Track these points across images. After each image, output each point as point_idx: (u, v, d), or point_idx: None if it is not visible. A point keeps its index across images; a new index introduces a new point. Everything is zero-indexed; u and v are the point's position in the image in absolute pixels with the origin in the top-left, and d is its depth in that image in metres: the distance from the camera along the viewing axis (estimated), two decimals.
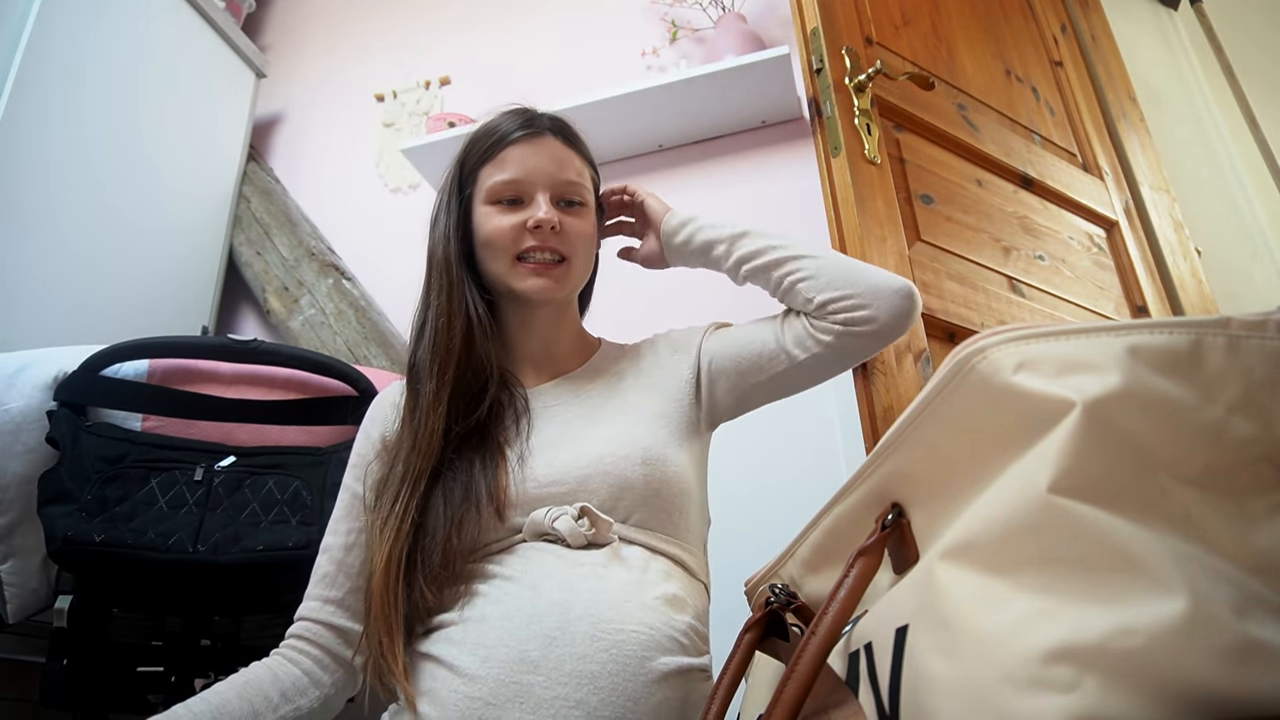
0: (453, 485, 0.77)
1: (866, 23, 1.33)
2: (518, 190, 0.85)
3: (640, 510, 0.77)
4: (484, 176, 0.87)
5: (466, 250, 0.87)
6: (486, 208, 0.86)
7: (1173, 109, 2.03)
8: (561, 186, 0.86)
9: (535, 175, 0.85)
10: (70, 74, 1.61)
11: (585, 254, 0.89)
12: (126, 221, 1.71)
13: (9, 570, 1.04)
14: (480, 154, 0.88)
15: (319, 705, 0.76)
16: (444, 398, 0.79)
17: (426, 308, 0.87)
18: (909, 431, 0.43)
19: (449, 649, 0.69)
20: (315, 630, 0.79)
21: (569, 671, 0.65)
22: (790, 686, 0.42)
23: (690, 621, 0.73)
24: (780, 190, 1.72)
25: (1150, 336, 0.33)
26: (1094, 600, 0.30)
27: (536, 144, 0.87)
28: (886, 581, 0.46)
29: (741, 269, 0.87)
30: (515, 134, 0.87)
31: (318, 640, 0.78)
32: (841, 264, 0.82)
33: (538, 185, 0.85)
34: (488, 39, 2.17)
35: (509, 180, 0.85)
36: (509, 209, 0.85)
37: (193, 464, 1.05)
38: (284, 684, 0.74)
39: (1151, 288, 1.54)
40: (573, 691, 0.64)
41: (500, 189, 0.85)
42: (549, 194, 0.85)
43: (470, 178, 0.89)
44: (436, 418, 0.79)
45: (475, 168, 0.88)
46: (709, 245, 0.90)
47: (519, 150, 0.86)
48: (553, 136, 0.88)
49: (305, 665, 0.77)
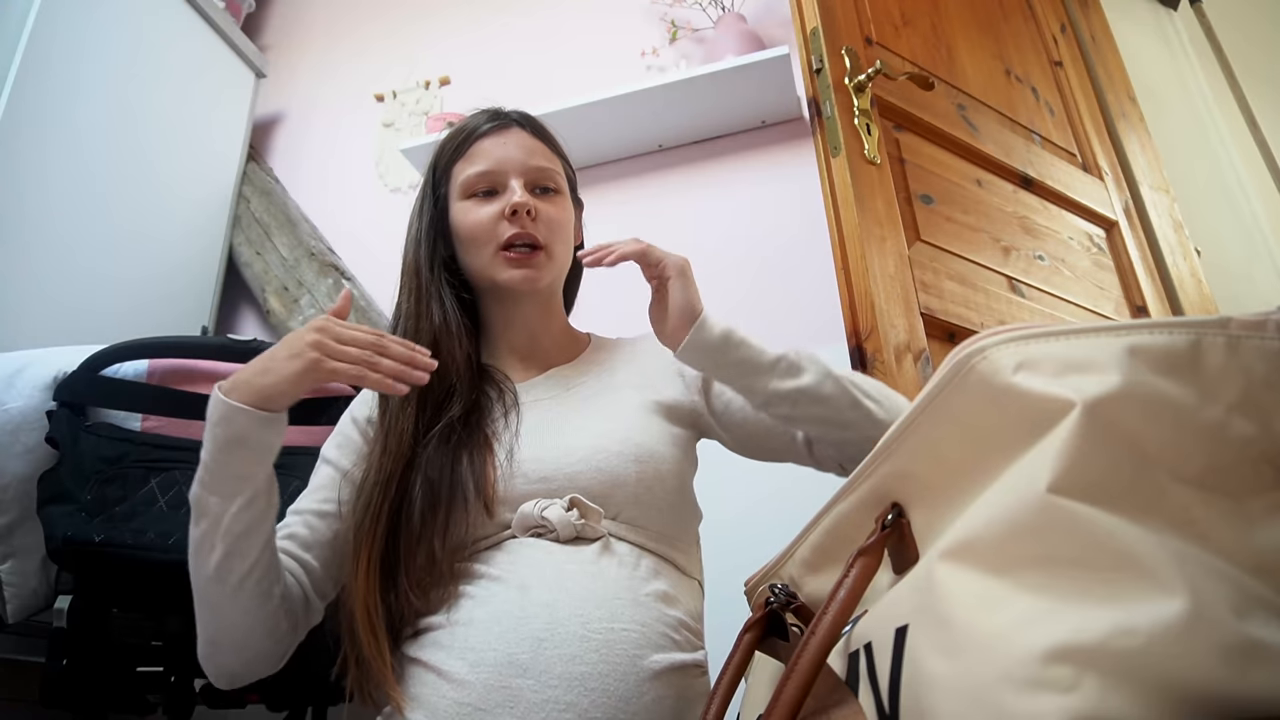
0: (437, 482, 0.75)
1: (866, 23, 1.33)
2: (491, 181, 0.86)
3: (631, 507, 0.76)
4: (457, 172, 0.88)
5: (447, 251, 0.88)
6: (463, 203, 0.87)
7: (1173, 109, 2.03)
8: (534, 173, 0.87)
9: (506, 164, 0.86)
10: (70, 74, 1.61)
11: (564, 241, 0.89)
12: (126, 222, 1.71)
13: (9, 570, 1.04)
14: (451, 151, 0.89)
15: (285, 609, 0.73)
16: (411, 399, 0.78)
17: (397, 310, 0.88)
18: (909, 431, 0.43)
19: (437, 653, 0.68)
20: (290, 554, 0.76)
21: (559, 674, 0.64)
22: (790, 686, 0.42)
23: (682, 617, 0.73)
24: (780, 190, 1.72)
25: (1150, 337, 0.33)
26: (1094, 600, 0.30)
27: (505, 135, 0.88)
28: (886, 581, 0.46)
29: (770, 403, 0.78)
30: (484, 128, 0.88)
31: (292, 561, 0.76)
32: (873, 431, 0.74)
33: (510, 173, 0.86)
34: (488, 39, 2.17)
35: (482, 172, 0.86)
36: (484, 200, 0.86)
37: (192, 464, 1.04)
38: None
39: (1151, 288, 1.54)
40: (563, 694, 0.63)
41: (474, 181, 0.86)
42: (522, 180, 0.86)
43: (444, 177, 0.89)
44: (406, 418, 0.78)
45: (448, 166, 0.89)
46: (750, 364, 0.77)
47: (488, 142, 0.87)
48: (520, 128, 0.89)
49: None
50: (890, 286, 1.09)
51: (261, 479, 0.69)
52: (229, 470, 0.68)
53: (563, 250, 0.88)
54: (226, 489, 0.68)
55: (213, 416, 0.68)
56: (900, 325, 1.07)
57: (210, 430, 0.68)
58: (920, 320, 1.11)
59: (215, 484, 0.68)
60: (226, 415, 0.67)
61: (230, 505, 0.67)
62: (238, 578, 0.68)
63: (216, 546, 0.67)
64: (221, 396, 0.68)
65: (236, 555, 0.68)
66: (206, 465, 0.68)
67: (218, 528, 0.67)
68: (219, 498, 0.68)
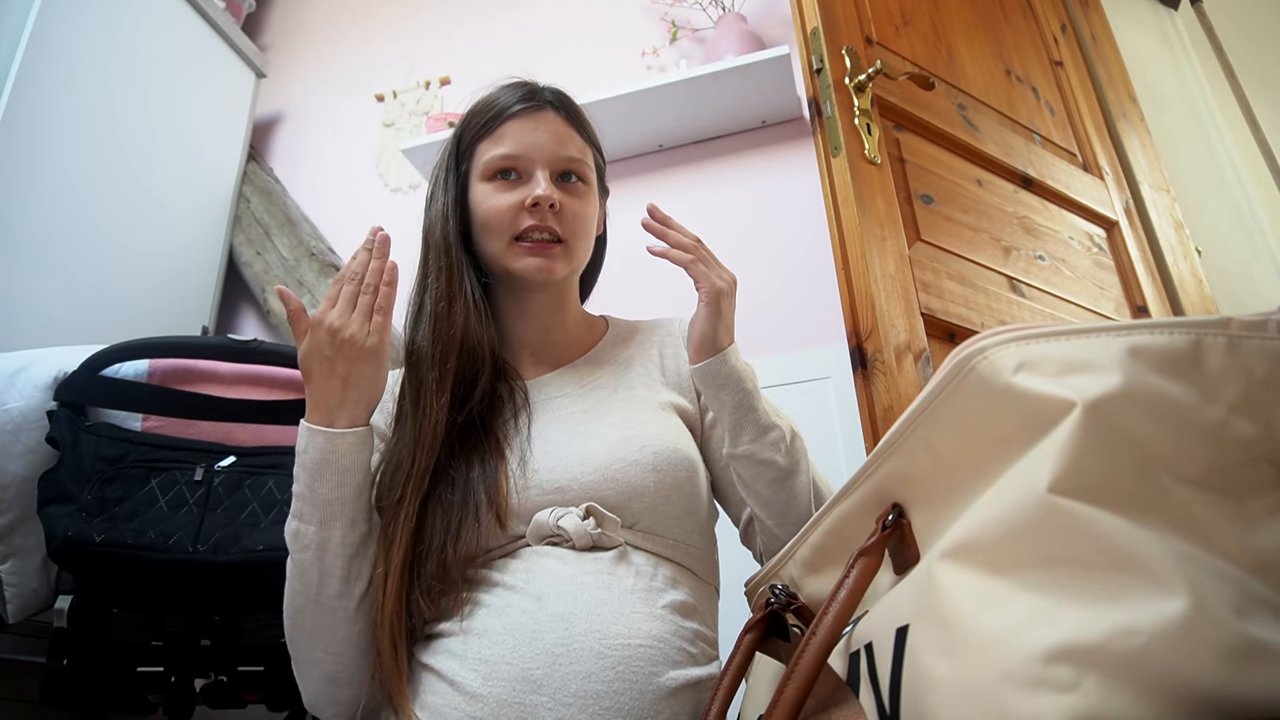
0: (449, 490, 0.73)
1: (866, 23, 1.33)
2: (515, 166, 0.82)
3: (649, 516, 0.74)
4: (481, 152, 0.84)
5: (463, 229, 0.84)
6: (483, 185, 0.83)
7: (1173, 109, 2.03)
8: (561, 163, 0.83)
9: (534, 151, 0.82)
10: (70, 74, 1.61)
11: (585, 236, 0.85)
12: (126, 222, 1.71)
13: (9, 570, 1.04)
14: (478, 128, 0.84)
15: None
16: (447, 386, 0.76)
17: (424, 290, 0.83)
18: (909, 432, 0.43)
19: (449, 662, 0.66)
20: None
21: (574, 692, 0.62)
22: (791, 686, 0.42)
23: (698, 628, 0.71)
24: (780, 190, 1.72)
25: (1151, 337, 0.33)
26: (1095, 600, 0.29)
27: (536, 118, 0.83)
28: (887, 582, 0.46)
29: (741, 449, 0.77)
30: (514, 108, 0.83)
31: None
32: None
33: (536, 161, 0.82)
34: (488, 39, 2.17)
35: (506, 155, 0.82)
36: (507, 186, 0.82)
37: (193, 464, 1.05)
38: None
39: (1151, 288, 1.54)
40: (578, 713, 0.62)
41: (497, 164, 0.82)
42: (548, 170, 0.82)
43: (467, 153, 0.85)
44: (440, 408, 0.75)
45: (472, 142, 0.85)
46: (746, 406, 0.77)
47: (518, 125, 0.83)
48: (554, 112, 0.85)
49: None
50: (890, 286, 1.09)
51: (356, 502, 0.70)
52: (320, 496, 0.69)
53: (583, 245, 0.85)
54: (321, 515, 0.68)
55: (302, 445, 0.71)
56: (900, 325, 1.07)
57: (299, 459, 0.70)
58: (920, 320, 1.11)
59: (310, 513, 0.69)
60: (318, 441, 0.69)
61: (331, 531, 0.69)
62: (357, 600, 0.70)
63: (332, 574, 0.69)
64: (313, 426, 0.70)
65: (352, 579, 0.69)
66: (300, 495, 0.70)
67: (323, 556, 0.68)
68: (315, 525, 0.68)
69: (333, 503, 0.69)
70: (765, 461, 0.76)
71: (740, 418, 0.76)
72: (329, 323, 0.70)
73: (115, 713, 1.03)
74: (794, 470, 0.76)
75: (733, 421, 0.77)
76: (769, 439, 0.76)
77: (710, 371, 0.77)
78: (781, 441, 0.77)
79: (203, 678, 1.07)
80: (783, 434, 0.77)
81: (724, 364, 0.76)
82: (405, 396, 0.80)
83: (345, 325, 0.71)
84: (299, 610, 0.70)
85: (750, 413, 0.76)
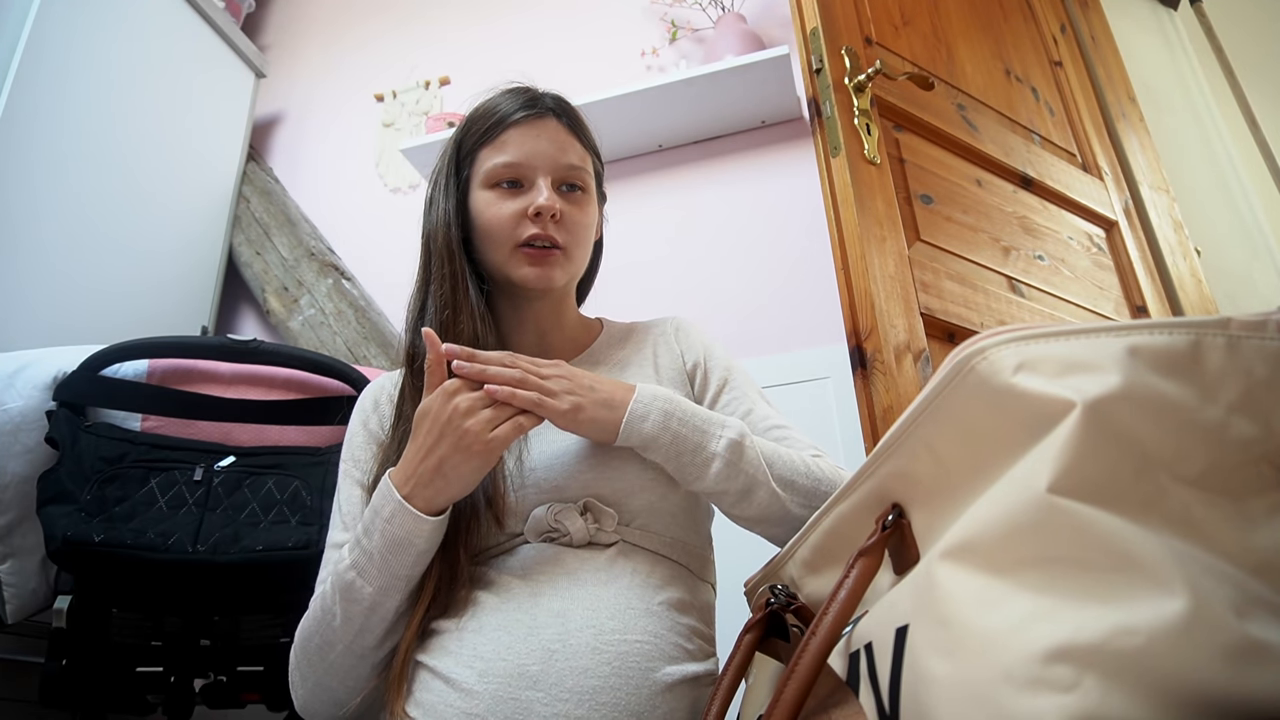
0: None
1: (866, 23, 1.33)
2: (517, 174, 0.82)
3: (645, 514, 0.75)
4: (482, 159, 0.84)
5: (464, 235, 0.84)
6: (485, 192, 0.83)
7: (1172, 109, 2.03)
8: (563, 171, 0.83)
9: (536, 159, 0.82)
10: (69, 73, 1.61)
11: (584, 244, 0.86)
12: (126, 222, 1.71)
13: (8, 570, 1.04)
14: (479, 135, 0.85)
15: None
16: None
17: (426, 295, 0.83)
18: (909, 432, 0.43)
19: (444, 659, 0.66)
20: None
21: (570, 687, 0.62)
22: (791, 686, 0.42)
23: (695, 624, 0.72)
24: (780, 190, 1.72)
25: (1150, 337, 0.33)
26: (1094, 600, 0.29)
27: (538, 126, 0.84)
28: (887, 582, 0.46)
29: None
30: (516, 115, 0.83)
31: None
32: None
33: (539, 169, 0.82)
34: (488, 39, 2.17)
35: (509, 163, 0.82)
36: (508, 194, 0.82)
37: (192, 464, 1.05)
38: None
39: (1151, 288, 1.54)
40: (574, 709, 0.62)
41: (499, 172, 0.82)
42: (550, 178, 0.82)
43: (468, 159, 0.85)
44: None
45: (474, 149, 0.85)
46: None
47: (519, 132, 0.83)
48: (555, 119, 0.85)
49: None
50: (890, 286, 1.09)
51: (419, 576, 0.70)
52: (392, 569, 0.67)
53: (582, 253, 0.86)
54: (384, 583, 0.68)
55: (384, 510, 0.67)
56: (900, 325, 1.07)
57: (381, 524, 0.67)
58: (920, 320, 1.11)
59: (374, 576, 0.67)
60: (402, 519, 0.67)
61: (388, 599, 0.68)
62: (388, 651, 0.71)
63: (373, 630, 0.69)
64: (400, 497, 0.67)
65: (390, 635, 0.70)
66: (369, 554, 0.67)
67: (371, 615, 0.68)
68: (374, 588, 0.67)
69: (400, 578, 0.68)
70: (718, 493, 0.73)
71: (677, 467, 0.73)
72: (457, 402, 0.67)
73: (114, 713, 1.03)
74: (751, 488, 0.72)
75: (673, 470, 0.73)
76: (711, 475, 0.72)
77: (625, 446, 0.74)
78: (724, 469, 0.72)
79: (202, 678, 1.07)
80: (724, 461, 0.71)
81: (631, 439, 0.72)
82: (406, 399, 0.80)
83: (472, 412, 0.67)
84: (328, 645, 0.70)
85: (682, 456, 0.72)
